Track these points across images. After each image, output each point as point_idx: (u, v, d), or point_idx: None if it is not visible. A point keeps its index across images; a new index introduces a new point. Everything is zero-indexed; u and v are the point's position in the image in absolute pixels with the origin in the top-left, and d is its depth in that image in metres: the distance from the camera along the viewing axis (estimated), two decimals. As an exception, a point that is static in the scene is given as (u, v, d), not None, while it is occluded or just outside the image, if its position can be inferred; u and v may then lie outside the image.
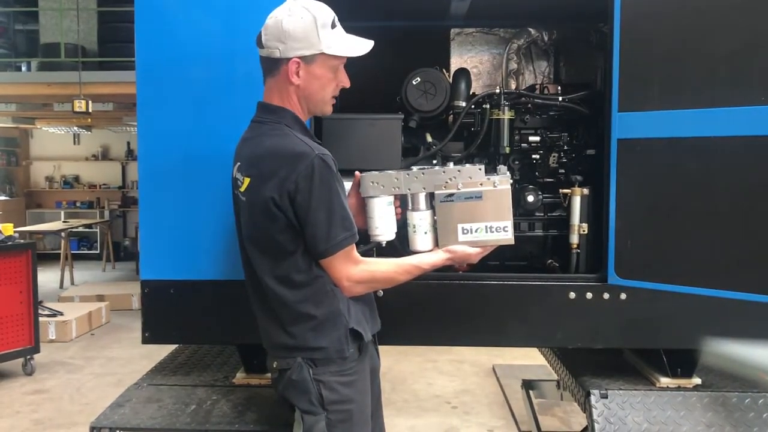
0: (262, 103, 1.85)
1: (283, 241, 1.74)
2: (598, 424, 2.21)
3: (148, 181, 2.32)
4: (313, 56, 1.76)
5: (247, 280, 1.89)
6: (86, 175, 12.58)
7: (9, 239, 5.24)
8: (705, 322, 2.22)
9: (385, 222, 1.95)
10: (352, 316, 1.82)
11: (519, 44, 2.78)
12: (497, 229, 1.91)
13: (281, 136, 1.76)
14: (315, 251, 1.74)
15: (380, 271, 1.84)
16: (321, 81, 1.80)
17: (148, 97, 2.30)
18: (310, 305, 1.77)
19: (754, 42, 2.13)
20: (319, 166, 1.68)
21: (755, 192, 2.15)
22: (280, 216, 1.70)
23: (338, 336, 1.79)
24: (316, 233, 1.71)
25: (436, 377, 5.31)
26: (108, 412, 2.29)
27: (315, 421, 1.77)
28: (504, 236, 1.92)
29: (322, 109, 1.88)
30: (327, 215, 1.70)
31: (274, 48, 1.74)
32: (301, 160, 1.68)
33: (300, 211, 1.69)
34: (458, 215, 1.92)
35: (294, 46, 1.73)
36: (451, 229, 1.92)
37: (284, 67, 1.76)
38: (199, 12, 2.25)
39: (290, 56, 1.74)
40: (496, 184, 1.92)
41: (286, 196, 1.68)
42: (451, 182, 1.93)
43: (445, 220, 1.93)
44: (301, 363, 1.78)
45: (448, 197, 1.92)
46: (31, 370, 5.37)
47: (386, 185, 1.94)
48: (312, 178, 1.67)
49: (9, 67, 8.82)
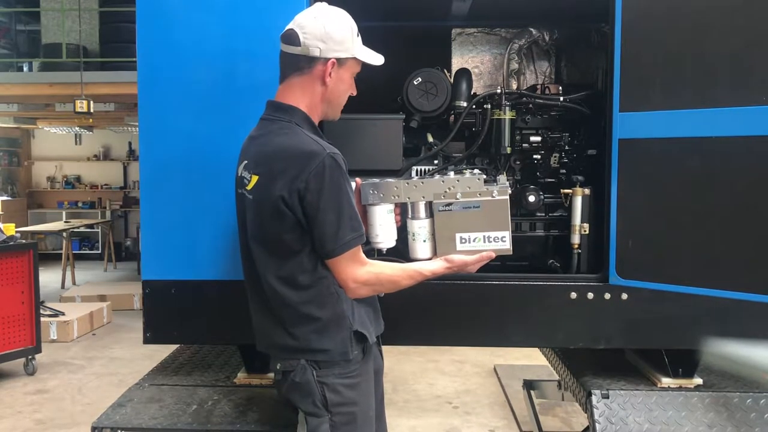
0: (273, 101, 1.86)
1: (290, 240, 1.73)
2: (599, 425, 2.21)
3: (149, 181, 2.32)
4: (346, 60, 1.82)
5: (248, 280, 1.89)
6: (88, 175, 12.60)
7: (11, 239, 5.24)
8: (706, 322, 2.22)
9: (385, 230, 1.95)
10: (356, 319, 1.82)
11: (520, 44, 2.78)
12: (495, 239, 1.91)
13: (291, 134, 1.76)
14: (322, 251, 1.74)
15: (385, 274, 1.83)
16: (345, 85, 1.86)
17: (150, 98, 2.30)
18: (313, 307, 1.77)
19: (755, 42, 2.13)
20: (330, 166, 1.68)
21: (756, 192, 2.15)
22: (288, 215, 1.70)
23: (342, 338, 1.79)
24: (325, 233, 1.71)
25: (437, 377, 5.31)
26: (109, 412, 2.29)
27: (319, 423, 1.77)
28: (502, 246, 1.92)
29: (336, 113, 1.92)
30: (336, 215, 1.70)
31: (314, 47, 1.77)
32: (312, 159, 1.68)
33: (309, 210, 1.69)
34: (456, 224, 1.93)
35: (334, 47, 1.78)
36: (449, 238, 1.93)
37: (320, 67, 1.79)
38: (200, 12, 2.25)
39: (329, 57, 1.78)
40: (495, 195, 1.92)
41: (296, 194, 1.68)
42: (449, 192, 1.93)
43: (443, 229, 1.94)
44: (304, 365, 1.77)
45: (446, 206, 1.92)
46: (32, 370, 5.37)
47: (386, 193, 1.95)
48: (323, 177, 1.67)
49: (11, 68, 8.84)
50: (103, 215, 12.15)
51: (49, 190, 12.54)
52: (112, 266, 11.18)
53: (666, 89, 2.19)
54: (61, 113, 9.18)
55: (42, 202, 12.64)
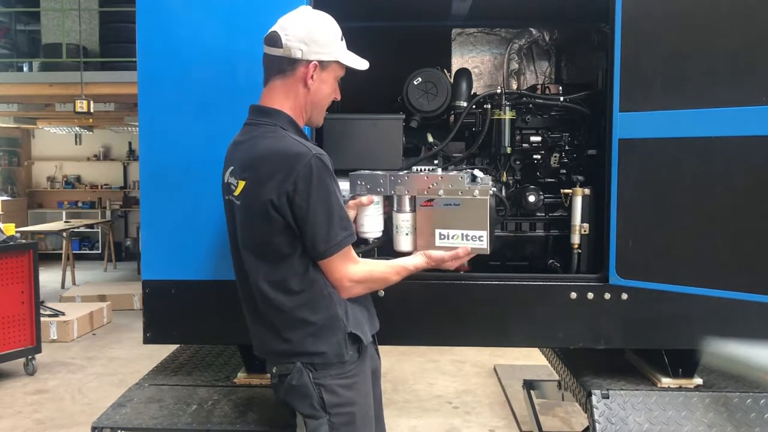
0: (256, 105, 1.86)
1: (280, 243, 1.73)
2: (599, 425, 2.21)
3: (149, 181, 2.32)
4: (329, 63, 1.82)
5: (240, 287, 1.88)
6: (88, 175, 12.60)
7: (11, 239, 5.25)
8: (706, 322, 2.22)
9: (371, 220, 2.04)
10: (350, 320, 1.81)
11: (520, 44, 2.78)
12: (473, 237, 1.95)
13: (277, 138, 1.76)
14: (315, 252, 1.74)
15: (377, 271, 1.86)
16: (328, 88, 1.86)
17: (150, 98, 2.30)
18: (307, 311, 1.77)
19: (755, 42, 2.13)
20: (317, 167, 1.69)
21: (756, 192, 2.15)
22: (277, 218, 1.70)
23: (337, 341, 1.78)
24: (316, 234, 1.71)
25: (437, 377, 5.31)
26: (109, 412, 2.29)
27: (318, 425, 1.76)
28: (479, 245, 1.96)
29: (319, 118, 1.92)
30: (326, 215, 1.71)
31: (296, 48, 1.76)
32: (298, 161, 1.68)
33: (299, 212, 1.69)
34: (437, 220, 1.98)
35: (316, 50, 1.78)
36: (429, 233, 1.99)
37: (302, 69, 1.79)
38: (200, 12, 2.25)
39: (311, 59, 1.78)
40: (476, 194, 1.96)
41: (285, 197, 1.68)
42: (432, 188, 1.99)
43: (424, 224, 1.99)
44: (300, 368, 1.77)
45: (428, 202, 1.98)
46: (32, 370, 5.38)
47: (372, 185, 2.03)
48: (310, 179, 1.68)
49: (11, 68, 8.85)
50: (103, 215, 12.15)
51: (49, 190, 12.55)
52: (112, 266, 11.18)
53: (666, 89, 2.18)
54: (61, 113, 9.18)
55: (42, 202, 12.64)
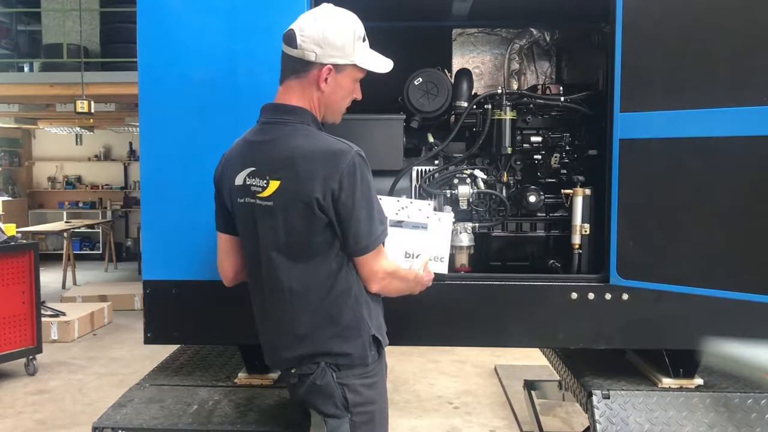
0: (273, 104, 1.81)
1: (319, 243, 1.72)
2: (600, 425, 2.21)
3: (150, 181, 2.32)
4: (345, 66, 1.77)
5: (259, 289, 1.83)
6: (88, 175, 12.61)
7: (11, 239, 5.25)
8: (707, 322, 2.22)
9: None
10: (374, 323, 1.81)
11: (521, 44, 2.77)
12: (435, 258, 2.11)
13: (311, 135, 1.74)
14: (356, 247, 1.72)
15: (400, 267, 1.89)
16: (344, 91, 1.82)
17: (151, 98, 2.30)
18: (336, 311, 1.76)
19: (756, 42, 2.13)
20: (360, 163, 1.69)
21: (757, 192, 2.15)
22: (321, 217, 1.68)
23: (362, 343, 1.78)
24: (360, 230, 1.70)
25: (438, 378, 5.31)
26: (110, 412, 2.29)
27: (339, 425, 1.76)
28: (440, 266, 2.12)
29: (335, 117, 1.89)
30: (368, 211, 1.71)
31: (310, 51, 1.72)
32: (341, 158, 1.67)
33: (344, 209, 1.68)
34: (404, 240, 2.08)
35: (331, 53, 1.73)
36: (396, 252, 2.06)
37: (315, 72, 1.75)
38: (201, 12, 2.25)
39: (325, 62, 1.74)
40: (440, 219, 2.11)
41: (330, 195, 1.66)
42: (402, 211, 2.08)
43: (393, 243, 2.04)
44: (324, 368, 1.76)
45: (398, 223, 2.08)
46: (33, 371, 5.38)
47: None
48: (355, 176, 1.67)
49: (12, 68, 8.86)
50: (104, 215, 12.16)
51: (49, 191, 12.55)
52: (113, 266, 11.18)
53: (666, 89, 2.18)
54: (61, 113, 9.18)
55: (43, 203, 12.65)
